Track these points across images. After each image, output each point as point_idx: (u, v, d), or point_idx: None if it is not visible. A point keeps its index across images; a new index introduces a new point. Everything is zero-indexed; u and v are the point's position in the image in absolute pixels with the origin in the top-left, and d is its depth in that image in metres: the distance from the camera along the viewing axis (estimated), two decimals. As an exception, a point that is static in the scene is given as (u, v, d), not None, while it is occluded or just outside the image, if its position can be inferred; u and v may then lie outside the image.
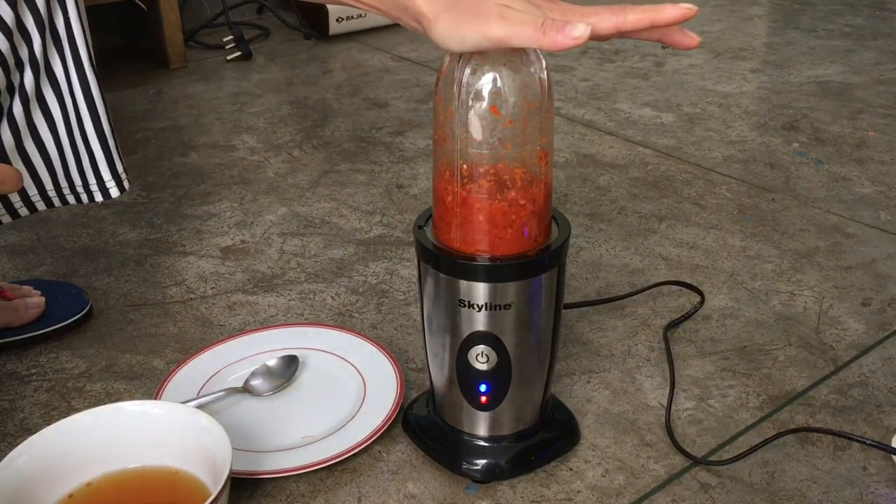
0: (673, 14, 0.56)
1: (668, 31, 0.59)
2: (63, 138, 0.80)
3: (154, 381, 0.87)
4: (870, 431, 0.80)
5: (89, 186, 0.82)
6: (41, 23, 0.74)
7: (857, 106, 1.58)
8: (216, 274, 1.07)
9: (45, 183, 0.82)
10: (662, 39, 0.59)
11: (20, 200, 0.82)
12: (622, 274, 1.06)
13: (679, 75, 1.76)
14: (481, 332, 0.69)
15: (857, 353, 0.91)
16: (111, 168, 0.82)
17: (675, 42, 0.59)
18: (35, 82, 0.76)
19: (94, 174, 0.82)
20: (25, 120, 0.77)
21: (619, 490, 0.74)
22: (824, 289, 1.03)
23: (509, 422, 0.74)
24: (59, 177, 0.82)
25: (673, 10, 0.56)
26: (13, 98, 0.76)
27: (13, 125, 0.77)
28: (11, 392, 0.87)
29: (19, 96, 0.76)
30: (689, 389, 0.86)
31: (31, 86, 0.76)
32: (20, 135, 0.78)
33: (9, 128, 0.77)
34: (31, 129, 0.78)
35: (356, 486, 0.75)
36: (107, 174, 0.82)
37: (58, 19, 0.76)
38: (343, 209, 1.23)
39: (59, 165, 0.81)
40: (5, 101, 0.75)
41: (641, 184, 1.29)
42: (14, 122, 0.77)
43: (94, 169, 0.82)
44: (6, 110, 0.76)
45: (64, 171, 0.81)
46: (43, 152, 0.80)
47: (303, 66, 1.85)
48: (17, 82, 0.75)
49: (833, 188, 1.27)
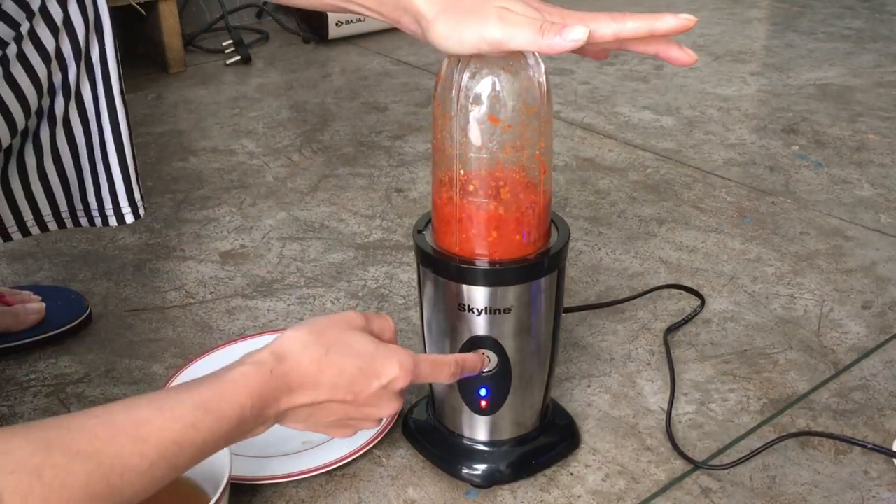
0: (672, 24, 0.56)
1: (666, 47, 0.59)
2: (84, 163, 0.82)
3: (153, 387, 0.87)
4: (871, 435, 0.80)
5: (105, 211, 0.84)
6: (78, 52, 0.77)
7: (856, 108, 1.58)
8: (215, 279, 1.07)
9: (59, 204, 0.83)
10: (659, 55, 0.60)
11: (32, 219, 0.84)
12: (622, 278, 1.06)
13: (678, 78, 1.76)
14: (481, 336, 0.69)
15: (858, 357, 0.91)
16: (129, 195, 0.84)
17: (672, 58, 0.59)
18: (65, 108, 0.78)
19: (111, 200, 0.84)
20: (50, 143, 0.79)
21: (619, 495, 0.74)
22: (825, 292, 1.02)
23: (509, 426, 0.74)
24: (74, 200, 0.84)
25: (673, 19, 0.56)
26: (41, 121, 0.78)
27: (38, 147, 0.79)
28: (11, 397, 0.86)
29: (48, 120, 0.78)
30: (690, 393, 0.86)
31: (60, 111, 0.78)
32: (42, 157, 0.80)
33: (33, 149, 0.79)
34: (53, 152, 0.80)
35: (356, 492, 0.75)
36: (124, 201, 0.84)
37: (93, 49, 0.78)
38: (342, 213, 1.23)
39: (76, 189, 0.83)
40: (32, 123, 0.77)
41: (641, 187, 1.29)
42: (39, 145, 0.79)
43: (113, 195, 0.83)
44: (32, 132, 0.78)
45: (81, 195, 0.83)
46: (62, 175, 0.82)
47: (302, 70, 1.85)
48: (47, 106, 0.77)
49: (833, 191, 1.27)
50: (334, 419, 0.64)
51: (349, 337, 0.63)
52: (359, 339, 0.64)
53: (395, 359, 0.63)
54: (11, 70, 0.71)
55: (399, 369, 0.63)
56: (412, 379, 0.64)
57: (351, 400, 0.62)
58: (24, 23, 0.71)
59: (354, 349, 0.63)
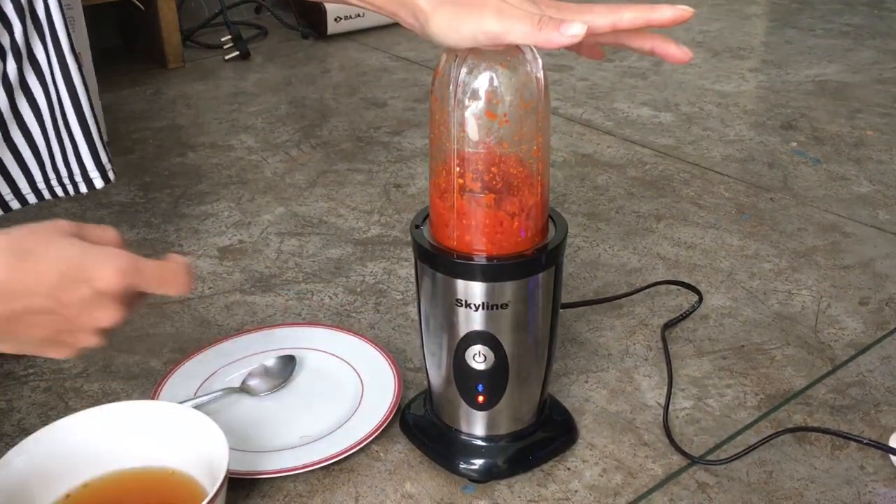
0: (669, 15, 0.57)
1: (662, 44, 0.59)
2: (49, 127, 0.77)
3: (151, 382, 0.87)
4: (867, 430, 0.80)
5: (74, 177, 0.79)
6: (21, 9, 0.72)
7: (855, 105, 1.58)
8: (214, 274, 1.07)
9: (34, 175, 0.79)
10: (655, 51, 0.60)
11: (10, 193, 0.79)
12: (620, 273, 1.06)
13: (677, 74, 1.76)
14: (478, 331, 0.69)
15: (855, 353, 0.91)
16: (95, 159, 0.79)
17: (668, 55, 0.60)
18: (18, 70, 0.74)
19: (78, 165, 0.79)
20: (11, 110, 0.75)
21: (616, 489, 0.74)
22: (822, 288, 1.03)
23: (507, 421, 0.74)
24: (47, 168, 0.79)
25: (670, 10, 0.56)
26: None
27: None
28: (9, 392, 0.86)
29: (2, 85, 0.74)
30: (687, 389, 0.86)
31: (14, 74, 0.73)
32: (6, 125, 0.75)
33: None
34: (17, 119, 0.76)
35: (354, 486, 0.75)
36: (90, 165, 0.79)
37: (38, 6, 0.74)
38: (341, 209, 1.23)
39: (46, 156, 0.78)
40: None
41: (639, 183, 1.29)
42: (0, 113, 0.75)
43: (78, 160, 0.79)
44: None
45: (51, 161, 0.79)
46: (31, 142, 0.77)
47: (301, 66, 1.85)
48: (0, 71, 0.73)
49: (831, 187, 1.27)
50: (43, 335, 0.57)
51: (53, 241, 0.56)
52: (65, 243, 0.56)
53: (109, 261, 0.56)
54: None
55: (113, 271, 0.56)
56: (131, 281, 0.57)
57: (55, 309, 0.55)
58: None
59: (58, 254, 0.56)
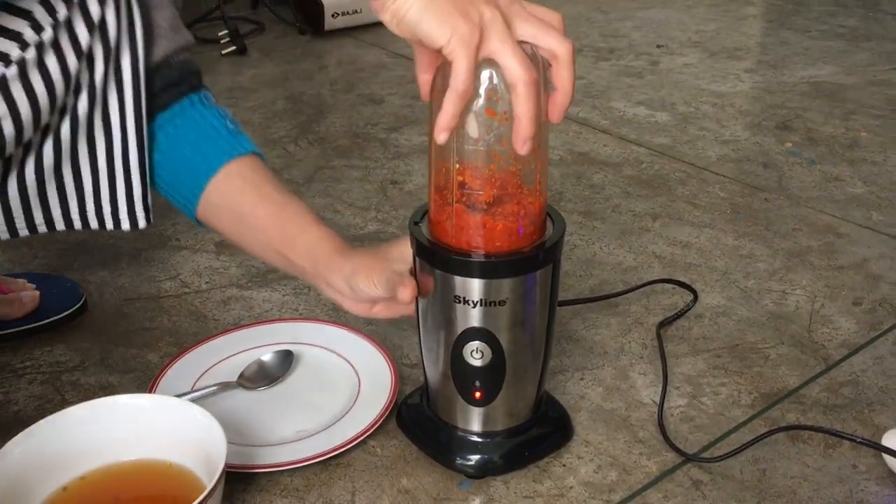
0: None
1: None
2: (101, 167, 0.80)
3: (148, 375, 0.87)
4: (860, 429, 0.81)
5: (118, 214, 0.83)
6: (108, 56, 0.76)
7: (849, 106, 1.59)
8: (210, 268, 1.07)
9: (70, 207, 0.82)
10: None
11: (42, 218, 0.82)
12: (616, 272, 1.07)
13: (673, 74, 1.76)
14: (476, 328, 0.70)
15: (848, 352, 0.92)
16: (144, 200, 0.83)
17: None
18: (88, 110, 0.77)
19: (126, 204, 0.83)
20: (70, 144, 0.78)
21: (611, 486, 0.75)
22: (816, 288, 1.03)
23: (503, 418, 0.75)
24: (86, 203, 0.82)
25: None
26: (62, 119, 0.77)
27: (57, 146, 0.78)
28: (6, 384, 0.87)
29: (70, 120, 0.77)
30: (682, 387, 0.87)
31: (83, 112, 0.77)
32: (61, 157, 0.79)
33: (52, 148, 0.78)
34: (72, 154, 0.79)
35: (350, 481, 0.75)
36: (139, 205, 0.83)
37: (124, 57, 0.77)
38: (338, 205, 1.23)
39: (89, 193, 0.81)
40: (55, 120, 0.76)
41: (635, 182, 1.30)
42: (59, 144, 0.78)
43: (129, 199, 0.82)
44: (54, 129, 0.77)
45: (95, 198, 0.82)
46: (77, 178, 0.80)
47: (298, 62, 1.85)
48: (71, 105, 0.76)
49: (825, 188, 1.28)
50: None
51: None
52: None
53: None
54: (44, 57, 0.70)
55: None
56: None
57: None
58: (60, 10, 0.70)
59: None
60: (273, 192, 0.81)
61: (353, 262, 0.75)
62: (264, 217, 0.80)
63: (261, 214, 0.80)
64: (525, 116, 0.60)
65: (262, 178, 0.82)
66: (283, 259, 0.80)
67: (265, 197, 0.81)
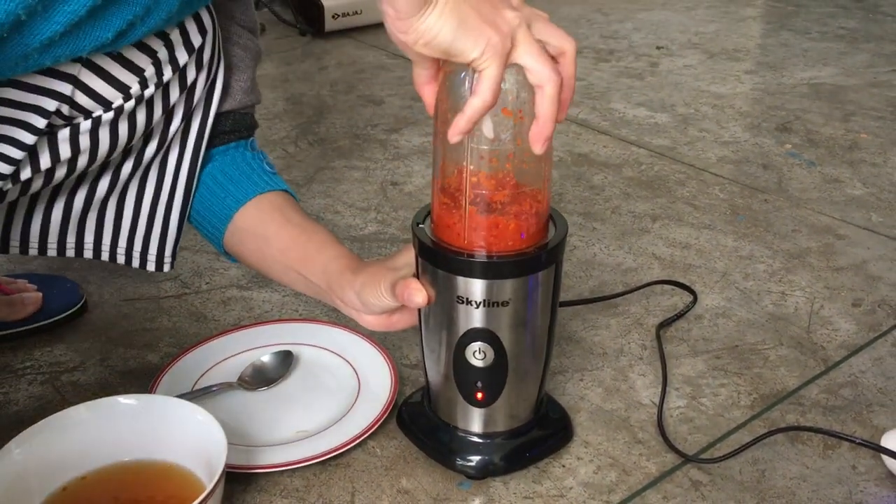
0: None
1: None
2: (144, 208, 0.83)
3: (148, 376, 0.87)
4: (859, 430, 0.81)
5: (147, 255, 0.85)
6: (188, 112, 0.78)
7: (849, 108, 1.59)
8: (211, 269, 1.07)
9: (103, 239, 0.84)
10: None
11: (74, 244, 0.84)
12: (615, 273, 1.07)
13: (673, 76, 1.77)
14: (478, 328, 0.70)
15: (848, 354, 0.92)
16: (174, 246, 0.85)
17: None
18: (153, 156, 0.79)
19: (157, 247, 0.85)
20: (124, 184, 0.81)
21: (610, 487, 0.75)
22: (815, 289, 1.03)
23: (504, 418, 0.75)
24: (119, 238, 0.84)
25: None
26: (126, 158, 0.78)
27: (114, 182, 0.80)
28: (6, 385, 0.87)
29: (134, 161, 0.79)
30: (681, 388, 0.87)
31: (149, 156, 0.79)
32: (112, 192, 0.81)
33: (108, 182, 0.80)
34: (121, 192, 0.81)
35: (350, 482, 0.75)
36: (168, 251, 0.85)
37: (196, 114, 0.80)
38: (338, 206, 1.23)
39: (125, 229, 0.83)
40: (118, 157, 0.77)
41: (635, 183, 1.30)
42: (116, 180, 0.80)
43: (161, 243, 0.85)
44: (115, 165, 0.79)
45: (129, 235, 0.84)
46: (119, 215, 0.83)
47: (298, 63, 1.85)
48: (139, 147, 0.78)
49: (825, 190, 1.28)
50: None
51: None
52: None
53: None
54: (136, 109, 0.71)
55: None
56: None
57: None
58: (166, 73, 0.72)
59: None
60: (298, 217, 0.83)
61: (361, 276, 0.76)
62: (287, 239, 0.81)
63: (284, 236, 0.81)
64: (548, 116, 0.60)
65: (291, 207, 0.84)
66: (303, 280, 0.81)
67: (290, 220, 0.82)
